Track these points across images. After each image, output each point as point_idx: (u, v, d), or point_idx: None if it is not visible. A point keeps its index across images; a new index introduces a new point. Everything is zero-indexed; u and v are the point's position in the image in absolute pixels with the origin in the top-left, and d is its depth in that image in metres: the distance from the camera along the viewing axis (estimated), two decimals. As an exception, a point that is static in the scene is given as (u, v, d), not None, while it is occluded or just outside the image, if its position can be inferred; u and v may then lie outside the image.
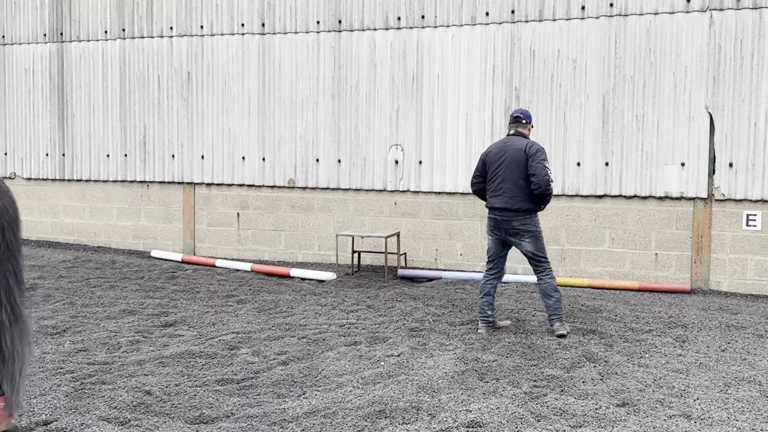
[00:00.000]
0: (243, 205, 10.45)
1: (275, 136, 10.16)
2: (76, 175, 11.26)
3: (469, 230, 9.42)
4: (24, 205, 11.62)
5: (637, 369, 5.47)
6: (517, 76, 9.08)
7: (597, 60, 8.76)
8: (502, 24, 9.09)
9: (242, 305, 7.58)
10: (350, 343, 6.13)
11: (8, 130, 11.58)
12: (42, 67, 11.33)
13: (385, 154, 9.68)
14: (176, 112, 10.63)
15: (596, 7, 8.72)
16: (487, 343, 6.10)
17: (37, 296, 7.75)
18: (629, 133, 8.69)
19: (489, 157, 6.43)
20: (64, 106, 11.25)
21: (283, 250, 10.30)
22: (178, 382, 5.12)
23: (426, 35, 9.42)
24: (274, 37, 10.10)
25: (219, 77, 10.39)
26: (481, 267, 9.35)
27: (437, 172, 9.46)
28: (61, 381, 5.06)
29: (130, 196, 11.04)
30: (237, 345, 6.06)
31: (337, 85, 9.84)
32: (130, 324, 6.72)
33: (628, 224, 8.78)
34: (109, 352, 5.85)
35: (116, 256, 10.39)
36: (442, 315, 7.11)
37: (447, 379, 5.15)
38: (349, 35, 9.75)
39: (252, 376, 5.28)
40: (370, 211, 9.84)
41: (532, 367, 5.48)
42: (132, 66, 10.83)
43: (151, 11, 10.68)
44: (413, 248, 9.66)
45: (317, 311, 7.31)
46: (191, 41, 10.50)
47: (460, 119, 9.33)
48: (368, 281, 8.89)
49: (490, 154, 6.43)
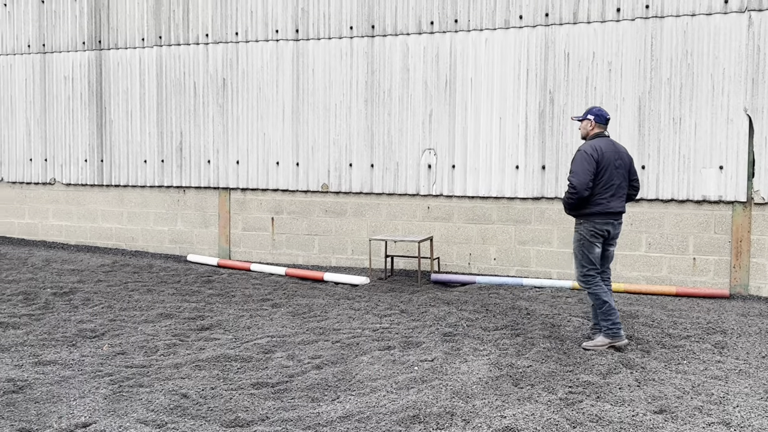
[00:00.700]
0: (277, 209, 10.53)
1: (309, 142, 10.22)
2: (114, 180, 11.44)
3: (503, 234, 9.38)
4: (63, 210, 11.84)
5: (675, 375, 5.39)
6: (552, 79, 9.02)
7: (632, 62, 8.67)
8: (536, 27, 9.05)
9: (277, 309, 7.63)
10: (384, 348, 6.13)
11: (48, 136, 11.82)
12: (81, 74, 11.55)
13: (418, 158, 9.68)
14: (212, 118, 10.75)
15: (632, 9, 8.64)
16: (522, 349, 6.06)
17: (76, 300, 7.89)
18: (666, 136, 8.58)
19: (604, 159, 6.03)
20: (102, 112, 11.44)
21: (317, 255, 10.35)
22: (214, 385, 5.17)
23: (459, 39, 9.41)
24: (307, 43, 10.17)
25: (254, 83, 10.49)
26: (515, 272, 9.31)
27: (470, 176, 9.43)
28: (99, 384, 5.14)
29: (166, 201, 11.19)
30: (272, 349, 6.11)
31: (370, 90, 9.87)
32: (167, 327, 6.81)
33: (665, 228, 8.67)
34: (146, 356, 5.93)
35: (153, 261, 10.53)
36: (475, 320, 7.08)
37: (481, 384, 5.13)
38: (382, 40, 9.77)
39: (286, 379, 5.32)
40: (403, 216, 9.85)
41: (568, 373, 5.44)
42: (168, 73, 10.98)
43: (187, 19, 10.82)
44: (446, 253, 9.65)
45: (351, 315, 7.33)
46: (226, 48, 10.62)
47: (494, 123, 9.30)
48: (401, 286, 8.89)
49: (605, 157, 6.03)
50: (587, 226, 6.07)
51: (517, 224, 9.30)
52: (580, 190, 5.94)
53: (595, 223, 6.05)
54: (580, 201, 6.01)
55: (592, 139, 6.16)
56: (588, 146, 6.06)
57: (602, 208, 6.03)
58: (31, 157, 11.96)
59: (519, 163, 9.20)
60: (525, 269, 9.30)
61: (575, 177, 5.97)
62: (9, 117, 12.06)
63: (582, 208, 6.06)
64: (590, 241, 6.08)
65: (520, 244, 9.31)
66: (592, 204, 6.03)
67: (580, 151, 6.07)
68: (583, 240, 6.09)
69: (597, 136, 6.18)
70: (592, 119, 6.20)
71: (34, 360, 5.71)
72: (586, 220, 6.07)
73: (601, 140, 6.14)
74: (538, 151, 9.11)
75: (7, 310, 7.36)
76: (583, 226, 6.10)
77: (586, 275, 6.12)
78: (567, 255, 9.08)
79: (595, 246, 6.09)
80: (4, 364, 5.57)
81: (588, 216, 6.06)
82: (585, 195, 5.97)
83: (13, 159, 12.09)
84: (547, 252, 9.19)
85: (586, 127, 6.25)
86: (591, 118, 6.21)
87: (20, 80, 11.96)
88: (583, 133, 6.28)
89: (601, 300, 6.06)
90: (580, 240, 6.12)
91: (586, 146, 6.08)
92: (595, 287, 6.09)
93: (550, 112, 9.04)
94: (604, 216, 6.06)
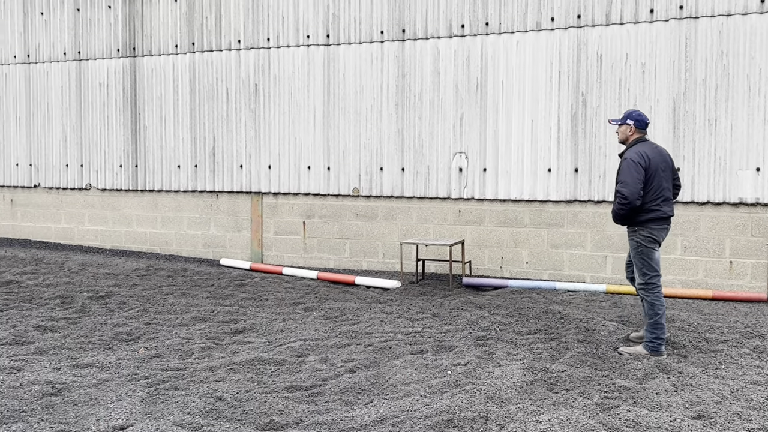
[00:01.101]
0: (309, 213, 10.58)
1: (340, 146, 10.26)
2: (149, 185, 11.59)
3: (535, 238, 9.32)
4: (99, 215, 12.02)
5: (713, 380, 5.31)
6: (584, 81, 8.95)
7: (666, 63, 8.57)
8: (568, 29, 8.99)
9: (309, 313, 7.66)
10: (416, 352, 6.13)
11: (84, 142, 12.00)
12: (116, 81, 11.72)
13: (449, 161, 9.66)
14: (244, 123, 10.84)
15: (665, 9, 8.54)
16: (556, 353, 6.02)
17: (112, 304, 8.00)
18: (701, 137, 8.47)
19: (652, 165, 5.92)
20: (136, 118, 11.60)
21: (348, 258, 10.38)
22: (249, 388, 5.21)
23: (490, 42, 9.38)
24: (338, 48, 10.21)
25: (285, 88, 10.56)
26: (548, 275, 9.24)
27: (502, 180, 9.39)
28: (136, 387, 5.21)
29: (200, 205, 11.30)
30: (305, 352, 6.13)
31: (400, 94, 9.88)
32: (202, 331, 6.87)
33: (701, 231, 8.55)
34: (181, 359, 5.99)
35: (187, 265, 10.64)
36: (508, 324, 7.04)
37: (515, 389, 5.10)
38: (413, 44, 9.78)
39: (320, 383, 5.34)
40: (434, 219, 9.83)
41: (603, 377, 5.38)
42: (201, 79, 11.10)
43: (219, 25, 10.93)
44: (478, 256, 9.61)
45: (383, 319, 7.33)
46: (258, 54, 10.70)
47: (526, 126, 9.25)
48: (433, 289, 8.88)
49: (652, 162, 5.89)
50: (643, 233, 5.94)
51: (550, 227, 9.24)
52: (631, 200, 5.81)
53: (651, 230, 5.93)
54: (632, 211, 5.89)
55: (634, 145, 6.01)
56: (634, 154, 5.90)
57: (657, 214, 5.92)
58: (67, 163, 12.16)
59: (551, 166, 9.14)
60: (558, 273, 9.23)
61: (626, 187, 5.82)
62: (46, 124, 12.28)
63: (635, 217, 5.93)
64: (648, 247, 5.95)
65: (552, 247, 9.24)
66: (646, 211, 5.91)
67: (626, 159, 5.91)
68: (641, 247, 5.96)
69: (638, 141, 6.03)
70: (632, 124, 6.05)
71: (72, 363, 5.80)
72: (641, 227, 5.94)
73: (644, 145, 6.00)
74: (570, 153, 9.04)
75: (45, 313, 7.48)
76: (639, 233, 5.96)
77: (649, 283, 5.99)
78: (600, 258, 9.00)
79: (654, 251, 5.97)
80: (43, 367, 5.67)
81: (643, 223, 5.93)
82: (637, 204, 5.83)
83: (50, 165, 12.30)
84: (581, 255, 9.11)
85: (625, 132, 6.10)
86: (630, 123, 6.05)
87: (56, 87, 12.17)
88: (622, 138, 6.13)
89: (654, 311, 5.93)
90: (638, 248, 5.98)
91: (631, 154, 5.92)
92: (655, 297, 5.95)
93: (582, 114, 8.97)
94: (659, 222, 5.95)
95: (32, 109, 12.38)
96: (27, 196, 12.61)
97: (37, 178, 12.45)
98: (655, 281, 5.97)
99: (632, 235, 6.01)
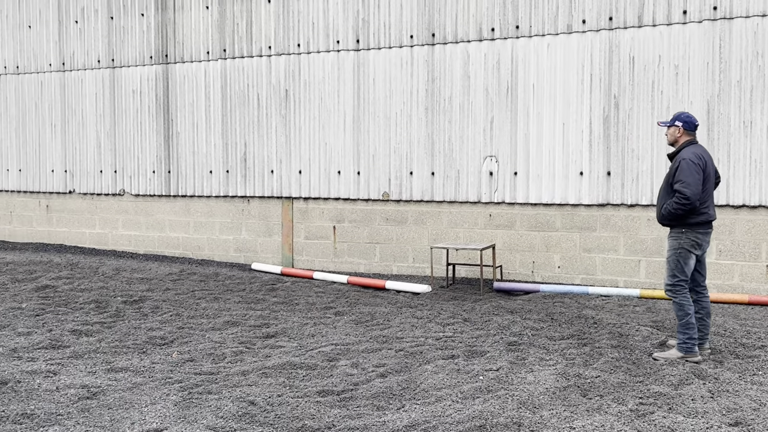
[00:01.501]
0: (339, 218, 10.60)
1: (370, 150, 10.28)
2: (181, 191, 11.71)
3: (567, 242, 9.24)
4: (132, 220, 12.18)
5: (750, 387, 5.22)
6: (616, 83, 8.87)
7: (700, 65, 8.46)
8: (600, 31, 8.91)
9: (340, 317, 7.68)
10: (447, 357, 6.10)
11: (118, 148, 12.17)
12: (148, 88, 11.87)
13: (480, 165, 9.63)
14: (275, 128, 10.91)
15: (699, 10, 8.43)
16: (589, 359, 5.96)
17: (145, 308, 8.09)
18: (736, 140, 8.34)
19: (707, 168, 5.94)
20: (169, 125, 11.73)
21: (378, 263, 10.38)
22: (281, 392, 5.23)
23: (521, 45, 9.33)
24: (368, 53, 10.24)
25: (315, 94, 10.61)
26: (580, 280, 9.16)
27: (533, 183, 9.33)
28: (169, 390, 5.26)
29: (231, 210, 11.39)
30: (336, 357, 6.14)
31: (430, 98, 9.87)
32: (234, 335, 6.92)
33: (737, 235, 8.41)
34: (214, 363, 6.04)
35: (219, 269, 10.73)
36: (540, 329, 6.99)
37: (548, 394, 5.05)
38: (443, 48, 9.77)
39: (351, 387, 5.34)
40: (464, 224, 9.80)
41: (638, 383, 5.32)
42: (233, 85, 11.20)
43: (250, 32, 11.02)
44: (509, 261, 9.56)
45: (413, 324, 7.32)
46: (288, 59, 10.77)
47: (557, 129, 9.19)
48: (463, 294, 8.85)
49: (707, 165, 5.97)
50: (690, 236, 5.91)
51: (582, 231, 9.16)
52: (693, 201, 5.78)
53: (697, 233, 5.91)
54: (688, 212, 5.86)
55: (687, 147, 5.99)
56: (692, 155, 5.89)
57: (704, 217, 5.91)
58: (101, 169, 12.34)
59: (583, 170, 9.06)
60: (590, 277, 9.14)
61: (688, 188, 5.79)
62: (80, 130, 12.47)
63: (685, 218, 5.89)
64: (689, 251, 5.93)
65: (585, 251, 9.16)
66: (697, 214, 5.89)
67: (684, 160, 5.88)
68: (682, 250, 5.93)
69: (690, 143, 6.02)
70: (681, 126, 6.04)
71: (107, 367, 5.87)
72: (689, 229, 5.91)
73: (697, 147, 6.00)
74: (602, 156, 8.96)
75: (80, 318, 7.59)
76: (684, 235, 5.92)
77: (676, 285, 5.96)
78: (634, 263, 8.89)
79: (692, 256, 5.94)
80: (79, 371, 5.75)
81: (692, 226, 5.90)
82: (696, 206, 5.83)
83: (84, 171, 12.49)
84: (614, 259, 9.01)
85: (674, 134, 6.09)
86: (679, 124, 6.04)
87: (90, 94, 12.36)
88: (671, 140, 6.12)
89: (684, 312, 5.91)
90: (678, 249, 5.94)
91: (689, 154, 5.90)
92: (683, 298, 5.94)
93: (614, 117, 8.88)
94: (705, 225, 5.95)
95: (67, 116, 12.59)
96: (62, 202, 12.82)
97: (72, 184, 12.65)
98: (683, 284, 5.97)
99: (676, 236, 5.97)
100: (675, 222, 5.96)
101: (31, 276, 9.87)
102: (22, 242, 13.08)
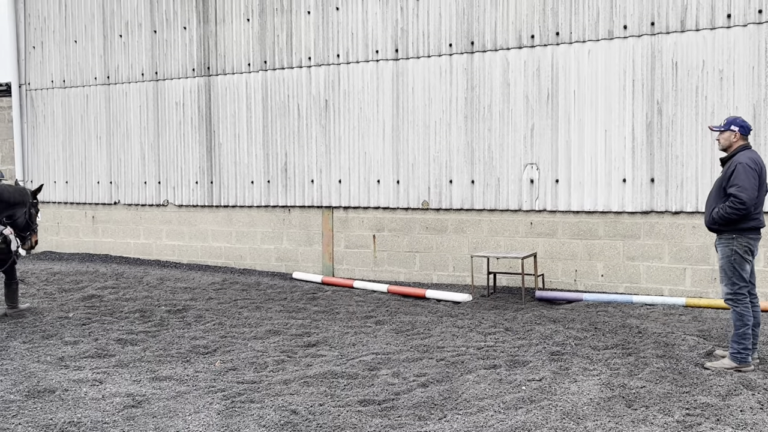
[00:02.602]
0: (378, 227, 10.62)
1: (409, 159, 10.28)
2: (224, 201, 11.85)
3: (610, 250, 9.11)
4: (176, 230, 12.35)
5: (803, 399, 5.08)
6: (659, 89, 8.74)
7: (746, 70, 8.29)
8: (642, 36, 8.80)
9: (380, 326, 7.68)
10: (489, 367, 6.06)
11: (161, 160, 12.37)
12: (191, 100, 12.05)
13: (520, 173, 9.56)
14: (315, 138, 10.99)
15: (743, 14, 8.27)
16: (634, 369, 5.86)
17: (189, 317, 8.19)
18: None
19: (762, 173, 5.87)
20: (211, 136, 11.89)
21: (418, 272, 10.36)
22: (322, 401, 5.24)
23: (561, 52, 9.26)
24: (407, 62, 10.25)
25: (354, 103, 10.66)
26: (624, 288, 9.03)
27: (575, 191, 9.23)
28: (213, 399, 5.31)
29: (273, 220, 11.49)
30: (377, 366, 6.14)
31: (469, 106, 9.84)
32: (276, 344, 6.96)
33: (786, 242, 8.20)
34: (256, 372, 6.08)
35: (261, 278, 10.82)
36: (584, 339, 6.90)
37: (592, 405, 4.98)
38: (482, 56, 9.74)
39: (393, 397, 5.33)
40: (504, 232, 9.74)
41: (684, 394, 5.21)
42: (273, 96, 11.31)
43: (290, 43, 11.13)
44: (551, 269, 9.46)
45: (454, 333, 7.28)
46: (328, 70, 10.84)
47: (599, 136, 9.08)
48: (505, 303, 8.78)
49: (763, 171, 5.84)
50: (741, 241, 5.80)
51: (626, 239, 9.03)
52: (749, 206, 5.70)
53: (749, 239, 5.81)
54: (741, 217, 5.77)
55: (742, 152, 5.89)
56: (748, 159, 5.80)
57: (755, 223, 5.81)
58: (145, 180, 12.55)
59: (626, 176, 8.93)
60: (634, 286, 9.00)
61: (744, 192, 5.70)
62: (125, 142, 12.71)
63: (737, 224, 5.79)
64: (743, 257, 5.81)
65: (628, 259, 9.02)
66: (750, 219, 5.79)
67: (741, 164, 5.78)
68: (735, 256, 5.82)
69: (744, 148, 5.92)
70: (737, 131, 5.93)
71: (151, 375, 5.95)
72: (740, 235, 5.81)
73: (752, 152, 5.91)
74: (646, 163, 8.83)
75: (125, 327, 7.72)
76: (736, 241, 5.82)
77: (737, 293, 5.84)
78: (679, 271, 8.73)
79: (747, 262, 5.83)
80: (124, 379, 5.84)
81: (743, 231, 5.80)
82: (750, 211, 5.74)
83: (129, 182, 12.72)
84: (658, 268, 8.86)
85: (729, 139, 5.97)
86: (735, 129, 5.93)
87: (135, 107, 12.59)
88: (725, 145, 6.00)
89: (743, 322, 5.78)
90: (731, 256, 5.83)
91: (745, 159, 5.80)
92: (744, 308, 5.81)
93: (658, 123, 8.75)
94: (756, 231, 5.84)
95: (112, 128, 12.84)
96: (107, 213, 13.07)
97: (117, 195, 12.88)
98: (744, 292, 5.82)
99: (727, 243, 5.85)
100: (725, 227, 5.84)
101: (77, 286, 10.07)
102: (69, 252, 13.36)
